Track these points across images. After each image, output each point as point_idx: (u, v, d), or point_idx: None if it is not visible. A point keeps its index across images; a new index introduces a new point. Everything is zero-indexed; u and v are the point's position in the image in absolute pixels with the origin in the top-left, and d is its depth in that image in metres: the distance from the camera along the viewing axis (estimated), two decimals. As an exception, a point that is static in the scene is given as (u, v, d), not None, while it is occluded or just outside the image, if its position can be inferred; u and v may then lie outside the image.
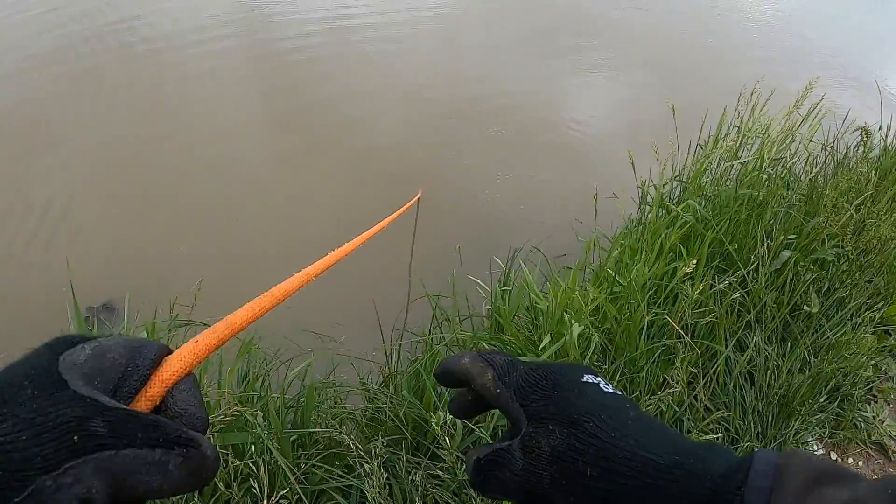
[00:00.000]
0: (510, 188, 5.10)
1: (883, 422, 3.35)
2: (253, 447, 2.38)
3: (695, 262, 2.57)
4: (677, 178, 3.61)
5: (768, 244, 3.13)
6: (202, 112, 5.90)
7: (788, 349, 3.04)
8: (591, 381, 0.61)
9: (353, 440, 2.34)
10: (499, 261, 3.18)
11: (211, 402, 2.41)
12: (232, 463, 2.36)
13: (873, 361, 3.38)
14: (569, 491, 0.54)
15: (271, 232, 4.60)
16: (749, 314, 3.03)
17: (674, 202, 3.51)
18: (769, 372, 2.94)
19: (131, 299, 3.10)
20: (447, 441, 2.27)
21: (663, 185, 3.39)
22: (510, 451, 0.57)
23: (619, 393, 0.61)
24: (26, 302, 3.93)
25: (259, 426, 2.37)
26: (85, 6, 7.69)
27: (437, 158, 5.49)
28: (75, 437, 0.41)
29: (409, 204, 2.57)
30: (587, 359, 2.62)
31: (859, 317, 3.26)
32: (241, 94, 6.30)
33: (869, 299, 3.33)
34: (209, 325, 0.58)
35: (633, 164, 3.37)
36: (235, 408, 2.35)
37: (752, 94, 3.58)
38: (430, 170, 5.27)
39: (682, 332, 2.65)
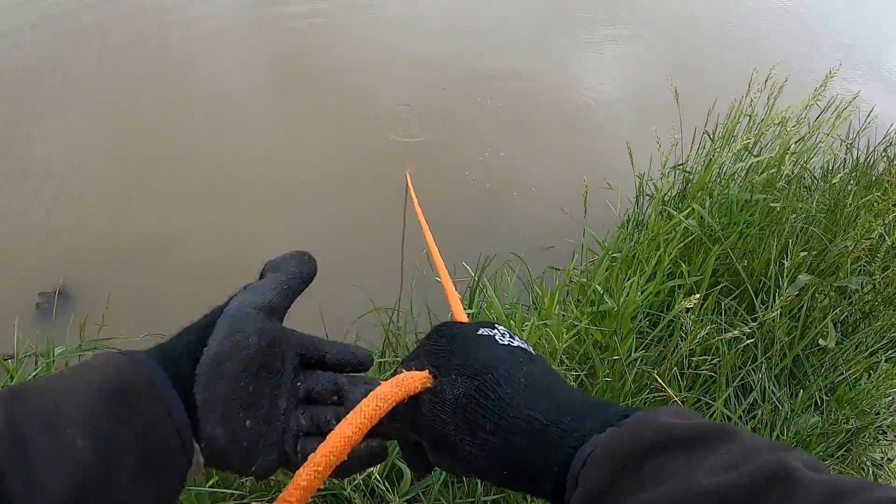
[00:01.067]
0: (504, 168, 4.62)
1: (892, 461, 2.96)
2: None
3: (697, 297, 2.05)
4: (680, 167, 3.07)
5: (783, 264, 2.63)
6: (205, 77, 5.51)
7: (797, 391, 2.57)
8: (485, 333, 0.64)
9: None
10: (468, 267, 2.63)
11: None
12: None
13: (889, 396, 2.96)
14: (471, 442, 0.57)
15: (271, 203, 4.24)
16: (757, 349, 2.54)
17: (674, 203, 2.98)
18: (780, 420, 2.47)
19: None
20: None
21: (664, 187, 2.86)
22: (421, 395, 0.60)
23: (516, 344, 0.63)
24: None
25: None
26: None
27: (436, 130, 5.07)
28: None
29: (410, 187, 2.18)
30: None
31: (882, 355, 2.81)
32: (247, 58, 5.93)
33: (893, 335, 2.88)
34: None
35: (631, 155, 2.83)
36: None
37: (766, 81, 3.03)
38: (428, 142, 4.90)
39: (668, 389, 2.13)
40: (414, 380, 0.59)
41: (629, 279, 2.45)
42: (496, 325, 0.65)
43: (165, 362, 0.55)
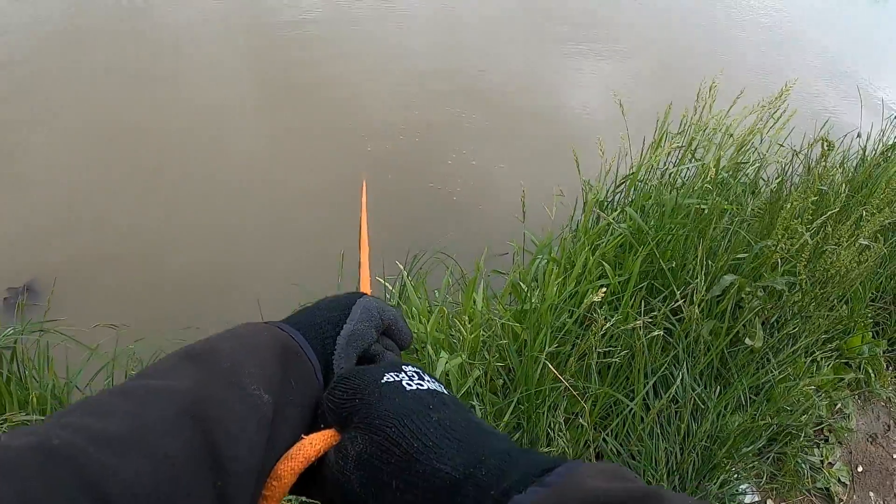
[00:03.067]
0: (471, 177, 4.82)
1: (832, 465, 3.02)
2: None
3: (605, 290, 2.20)
4: (629, 178, 3.22)
5: (709, 265, 2.76)
6: (192, 88, 5.74)
7: (721, 389, 2.69)
8: (391, 379, 0.62)
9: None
10: (399, 264, 2.82)
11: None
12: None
13: (826, 400, 3.03)
14: (380, 501, 0.55)
15: (255, 213, 4.46)
16: (678, 347, 2.67)
17: (611, 208, 3.13)
18: (691, 415, 2.59)
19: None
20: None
21: (606, 190, 3.01)
22: (327, 454, 0.59)
23: (425, 387, 0.62)
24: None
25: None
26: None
27: (412, 141, 5.30)
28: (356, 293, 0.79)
29: (363, 195, 2.35)
30: (463, 390, 2.28)
31: (812, 354, 2.90)
32: (234, 68, 6.15)
33: (825, 333, 2.97)
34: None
35: (577, 161, 3.00)
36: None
37: (710, 89, 3.16)
38: (403, 152, 5.13)
39: (563, 380, 2.28)
40: (318, 441, 0.59)
41: (558, 279, 2.61)
42: (403, 368, 0.65)
43: (303, 332, 0.67)
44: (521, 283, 2.59)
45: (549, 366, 2.22)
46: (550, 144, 5.34)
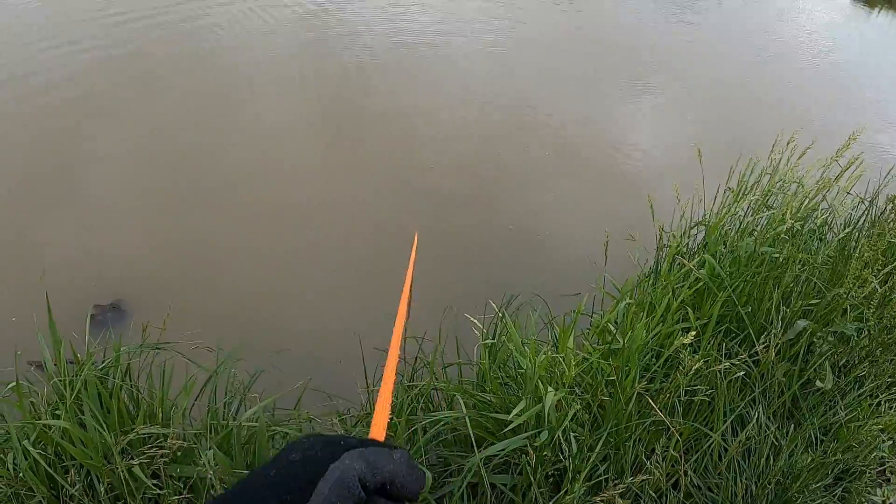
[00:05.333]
0: (535, 215, 5.09)
1: (893, 504, 3.23)
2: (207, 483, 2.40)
3: (693, 333, 2.46)
4: (702, 223, 3.48)
5: (784, 311, 3.00)
6: (256, 113, 6.17)
7: (793, 428, 2.93)
8: None
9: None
10: (493, 304, 3.10)
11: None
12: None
13: (889, 442, 3.25)
14: None
15: (310, 241, 4.78)
16: (755, 388, 2.92)
17: (690, 254, 3.39)
18: (768, 452, 2.83)
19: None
20: None
21: (681, 236, 3.27)
22: None
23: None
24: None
25: (208, 464, 2.37)
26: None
27: (475, 177, 5.62)
28: (341, 442, 0.65)
29: (413, 250, 2.56)
30: (564, 424, 2.55)
31: (877, 396, 3.13)
32: (298, 95, 6.58)
33: (891, 377, 3.20)
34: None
35: (651, 207, 3.27)
36: (179, 443, 2.37)
37: (787, 144, 3.42)
38: (468, 188, 5.44)
39: (664, 416, 2.54)
40: None
41: (640, 321, 2.88)
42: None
43: None
44: (609, 325, 2.86)
45: (651, 402, 2.49)
46: (610, 185, 5.59)
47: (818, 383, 2.98)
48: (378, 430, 0.80)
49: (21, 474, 2.38)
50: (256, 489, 0.62)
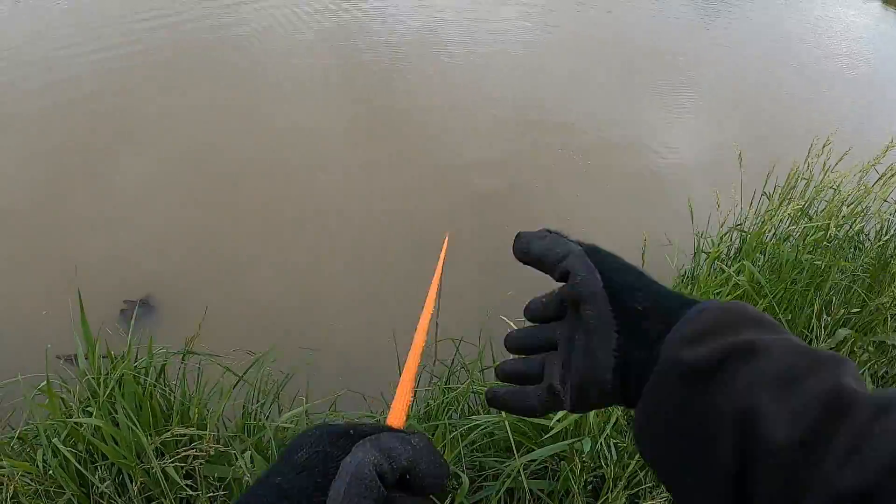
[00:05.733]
0: (574, 217, 5.08)
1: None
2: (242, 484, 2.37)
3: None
4: (738, 228, 3.44)
5: (825, 319, 2.96)
6: (287, 115, 6.13)
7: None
8: None
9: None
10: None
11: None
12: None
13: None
14: None
15: (340, 241, 4.76)
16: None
17: (729, 260, 3.35)
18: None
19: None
20: None
21: (720, 240, 3.22)
22: None
23: None
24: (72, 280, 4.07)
25: (245, 466, 2.33)
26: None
27: (505, 179, 5.57)
28: (351, 432, 0.58)
29: (444, 251, 2.50)
30: (606, 431, 2.51)
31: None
32: (330, 99, 6.54)
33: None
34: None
35: (691, 211, 3.22)
36: (216, 446, 2.33)
37: (823, 147, 3.37)
38: (500, 192, 5.39)
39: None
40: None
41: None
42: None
43: None
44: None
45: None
46: (640, 187, 5.56)
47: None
48: (396, 417, 0.74)
49: (51, 471, 2.34)
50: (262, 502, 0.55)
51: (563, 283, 0.71)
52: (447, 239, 2.95)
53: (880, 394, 0.51)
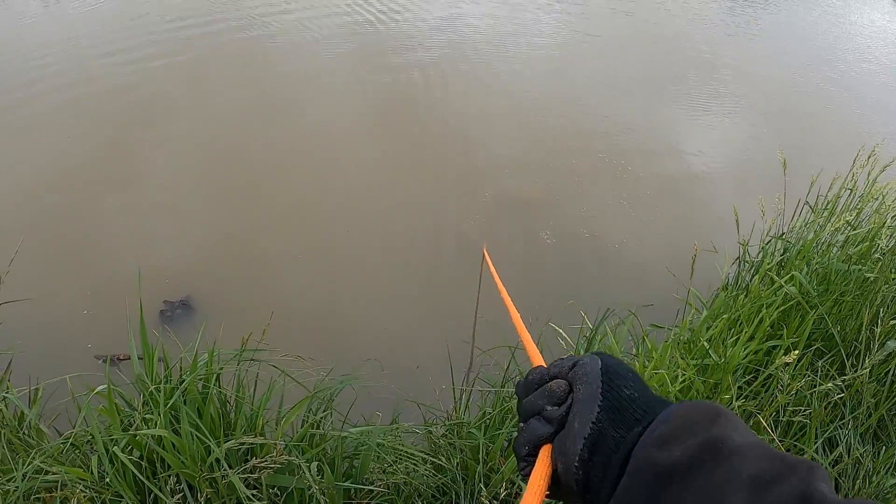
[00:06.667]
0: (610, 224, 5.08)
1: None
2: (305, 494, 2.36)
3: (796, 352, 2.43)
4: (782, 237, 3.46)
5: (873, 330, 2.98)
6: (313, 114, 6.21)
7: (884, 449, 2.92)
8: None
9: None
10: (585, 316, 3.06)
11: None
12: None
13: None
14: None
15: (367, 239, 4.81)
16: (845, 408, 2.91)
17: (775, 268, 3.37)
18: (861, 475, 2.82)
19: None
20: None
21: (770, 252, 3.24)
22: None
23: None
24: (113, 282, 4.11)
25: (312, 478, 2.32)
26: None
27: (540, 185, 5.62)
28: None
29: (490, 263, 2.52)
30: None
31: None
32: (352, 98, 6.60)
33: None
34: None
35: (737, 221, 3.24)
36: (284, 457, 2.31)
37: (868, 158, 3.40)
38: (532, 196, 5.43)
39: (772, 433, 2.52)
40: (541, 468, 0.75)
41: (731, 337, 2.85)
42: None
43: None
44: (704, 342, 2.83)
45: (761, 420, 2.46)
46: (674, 194, 5.59)
47: (905, 405, 2.97)
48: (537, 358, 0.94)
49: (108, 479, 2.31)
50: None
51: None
52: (485, 250, 2.96)
53: (849, 501, 0.54)
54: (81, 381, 2.54)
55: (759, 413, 2.67)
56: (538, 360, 0.94)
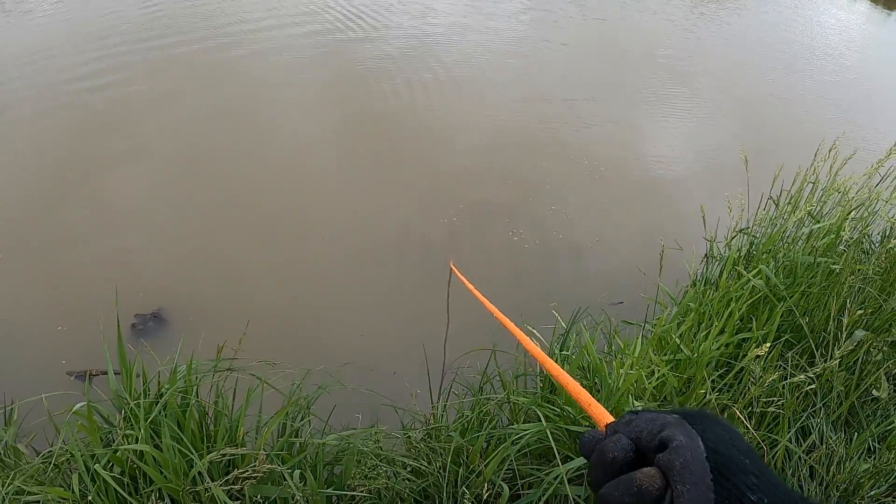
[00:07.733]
0: (582, 225, 5.17)
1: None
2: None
3: (767, 344, 2.51)
4: (746, 232, 3.55)
5: (840, 321, 3.07)
6: (282, 125, 6.27)
7: (853, 436, 3.01)
8: None
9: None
10: (557, 315, 3.12)
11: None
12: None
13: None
14: None
15: (339, 246, 4.85)
16: (816, 397, 2.99)
17: (742, 263, 3.45)
18: (835, 462, 2.90)
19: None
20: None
21: (737, 249, 3.32)
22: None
23: None
24: (85, 297, 4.13)
25: (295, 486, 2.35)
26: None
27: (511, 188, 5.69)
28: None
29: (460, 276, 2.56)
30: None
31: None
32: (321, 108, 6.67)
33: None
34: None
35: (703, 218, 3.32)
36: (267, 465, 2.34)
37: (830, 151, 3.50)
38: (502, 198, 5.53)
39: (748, 424, 2.60)
40: None
41: (702, 332, 2.93)
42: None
43: None
44: (675, 337, 2.90)
45: (737, 412, 2.54)
46: (641, 193, 5.68)
47: (874, 392, 3.06)
48: (603, 416, 0.78)
49: (90, 497, 2.33)
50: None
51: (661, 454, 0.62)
52: (452, 265, 3.00)
53: None
54: (58, 398, 2.56)
55: (733, 405, 2.74)
56: (601, 413, 0.79)
